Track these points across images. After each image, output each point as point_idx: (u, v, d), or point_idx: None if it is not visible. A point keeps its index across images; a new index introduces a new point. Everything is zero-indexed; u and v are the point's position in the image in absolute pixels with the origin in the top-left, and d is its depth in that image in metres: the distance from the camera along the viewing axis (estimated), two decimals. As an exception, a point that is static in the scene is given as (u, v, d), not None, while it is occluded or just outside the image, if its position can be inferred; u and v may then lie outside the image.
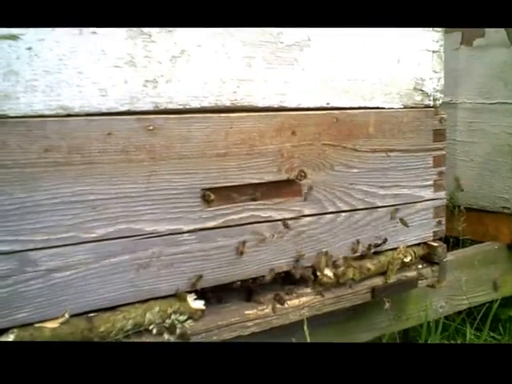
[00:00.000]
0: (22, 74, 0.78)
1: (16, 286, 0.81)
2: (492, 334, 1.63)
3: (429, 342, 1.43)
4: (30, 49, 0.78)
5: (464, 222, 1.67)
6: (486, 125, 1.68)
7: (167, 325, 0.90)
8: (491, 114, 1.67)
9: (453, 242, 1.72)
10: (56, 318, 0.84)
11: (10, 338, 0.80)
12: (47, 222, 0.81)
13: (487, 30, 1.65)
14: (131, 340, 0.87)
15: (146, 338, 0.88)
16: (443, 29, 1.25)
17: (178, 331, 0.91)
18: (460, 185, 1.74)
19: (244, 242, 1.01)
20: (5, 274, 0.79)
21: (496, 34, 1.63)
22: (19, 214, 0.79)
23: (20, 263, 0.80)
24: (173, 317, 0.91)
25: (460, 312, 1.58)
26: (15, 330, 0.81)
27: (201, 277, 0.96)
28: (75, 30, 0.81)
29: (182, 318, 0.91)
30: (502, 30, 1.61)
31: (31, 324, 0.82)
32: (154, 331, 0.89)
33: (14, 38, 0.74)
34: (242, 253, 1.01)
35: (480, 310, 1.56)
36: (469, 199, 1.73)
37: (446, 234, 1.62)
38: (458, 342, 1.56)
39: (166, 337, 0.90)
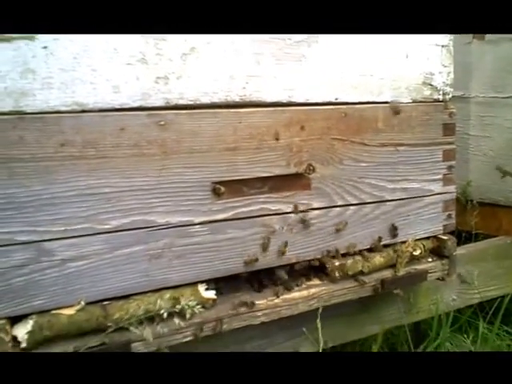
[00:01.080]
0: (38, 72, 0.82)
1: (32, 274, 0.85)
2: (505, 327, 1.64)
3: (440, 334, 1.44)
4: (45, 48, 0.82)
5: (477, 217, 1.68)
6: (498, 119, 1.69)
7: (177, 310, 0.93)
8: (504, 108, 1.67)
9: (465, 236, 1.73)
10: (72, 306, 0.88)
11: (29, 323, 0.84)
12: (63, 213, 0.85)
13: (499, 24, 1.66)
14: (143, 326, 0.90)
15: (157, 324, 0.92)
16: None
17: (188, 316, 0.94)
18: (470, 180, 1.74)
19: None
20: (22, 263, 0.83)
21: (508, 28, 1.63)
22: (36, 205, 0.83)
23: (37, 253, 0.84)
24: (183, 302, 0.94)
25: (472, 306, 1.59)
26: (34, 316, 0.85)
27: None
28: (89, 29, 0.85)
29: (192, 303, 0.94)
30: (514, 24, 1.61)
31: (48, 311, 0.86)
32: (165, 315, 0.92)
33: (31, 38, 0.78)
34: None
35: (492, 304, 1.57)
36: (482, 193, 1.73)
37: (459, 228, 1.63)
38: (471, 335, 1.57)
39: (177, 321, 0.93)
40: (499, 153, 1.68)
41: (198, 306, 0.95)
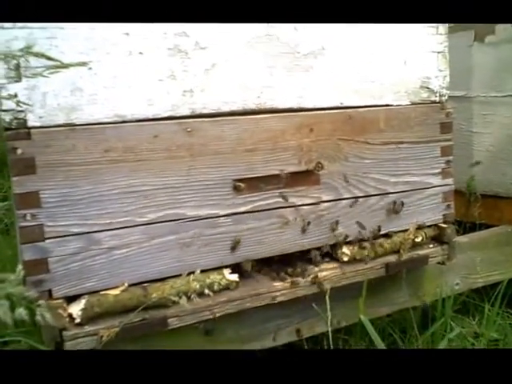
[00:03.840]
0: (85, 90, 0.98)
1: (84, 260, 1.00)
2: (510, 310, 1.75)
3: (445, 315, 1.56)
4: (90, 69, 0.98)
5: (480, 208, 1.80)
6: (498, 116, 1.80)
7: (206, 287, 1.09)
8: (503, 106, 1.78)
9: (469, 226, 1.85)
10: (117, 287, 1.03)
11: (83, 302, 1.00)
12: (108, 208, 1.01)
13: (497, 27, 1.77)
14: (176, 303, 1.05)
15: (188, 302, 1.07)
16: (447, 32, 1.39)
17: (216, 288, 1.10)
18: (473, 173, 1.86)
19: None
20: (76, 251, 0.99)
21: (505, 31, 1.75)
22: (86, 202, 0.99)
23: (87, 242, 1.00)
24: (212, 277, 1.10)
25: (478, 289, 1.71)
26: (86, 296, 1.01)
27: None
28: (126, 52, 1.00)
29: (219, 277, 1.10)
30: (510, 27, 1.73)
31: (97, 291, 1.02)
32: (195, 294, 1.07)
33: (84, 64, 0.93)
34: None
35: (495, 289, 1.69)
36: (484, 186, 1.85)
37: (463, 219, 1.76)
38: (477, 317, 1.69)
39: (207, 291, 1.08)
40: (500, 148, 1.80)
41: (226, 285, 1.11)
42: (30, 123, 0.93)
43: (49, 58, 0.88)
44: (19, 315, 0.74)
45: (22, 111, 0.92)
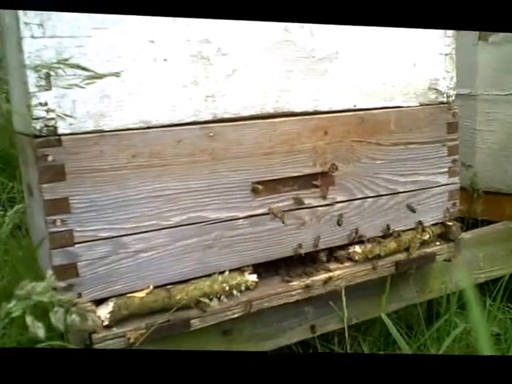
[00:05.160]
0: (113, 97, 0.99)
1: (112, 264, 1.02)
2: (510, 305, 1.80)
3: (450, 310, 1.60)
4: (118, 76, 0.99)
5: (483, 204, 1.85)
6: (501, 114, 1.84)
7: (228, 289, 1.12)
8: (506, 105, 1.82)
9: (472, 222, 1.89)
10: (142, 290, 1.06)
11: (110, 305, 1.02)
12: (135, 212, 1.03)
13: (500, 26, 1.81)
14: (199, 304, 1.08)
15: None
16: (455, 35, 1.42)
17: (236, 293, 1.14)
18: (476, 171, 1.91)
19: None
20: (104, 255, 1.01)
21: (508, 31, 1.79)
22: (114, 207, 1.01)
23: (115, 246, 1.02)
24: (232, 282, 1.13)
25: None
26: (113, 299, 1.03)
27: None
28: (151, 59, 1.02)
29: (239, 277, 1.14)
30: (513, 26, 1.77)
31: (124, 294, 1.04)
32: (218, 295, 1.10)
33: (117, 74, 0.95)
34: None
35: (497, 285, 1.74)
36: (487, 183, 1.89)
37: (466, 215, 1.80)
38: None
39: (235, 292, 1.13)
40: (502, 145, 1.84)
41: (245, 286, 1.14)
42: (61, 130, 0.95)
43: (84, 69, 0.89)
44: (73, 322, 0.76)
45: (52, 119, 0.93)
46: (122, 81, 1.00)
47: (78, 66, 0.89)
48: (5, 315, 0.73)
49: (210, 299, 1.11)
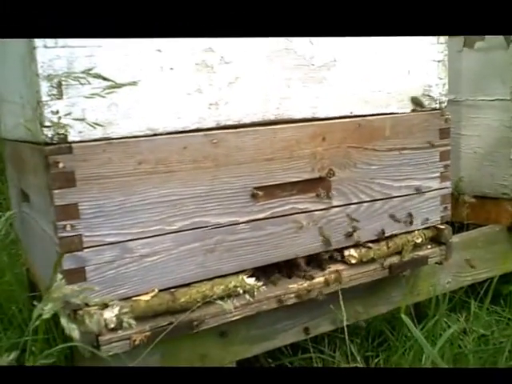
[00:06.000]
0: (120, 106, 1.01)
1: (119, 268, 1.05)
2: (494, 307, 1.86)
3: (436, 314, 1.65)
4: (125, 86, 1.01)
5: (468, 208, 1.89)
6: (486, 119, 1.89)
7: (228, 293, 1.15)
8: (491, 110, 1.87)
9: (458, 226, 1.94)
10: (148, 293, 1.08)
11: (116, 308, 1.04)
12: (141, 218, 1.05)
13: (486, 34, 1.86)
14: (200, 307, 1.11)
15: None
16: (447, 41, 1.46)
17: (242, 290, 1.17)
18: (462, 175, 1.95)
19: None
20: (111, 260, 1.03)
21: (495, 38, 1.83)
22: (120, 212, 1.03)
23: (121, 251, 1.04)
24: (231, 285, 1.16)
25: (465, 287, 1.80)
26: (119, 302, 1.05)
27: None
28: (158, 68, 1.04)
29: (242, 283, 1.17)
30: (500, 34, 1.82)
31: (130, 297, 1.07)
32: (218, 299, 1.13)
33: (134, 83, 0.97)
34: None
35: (483, 286, 1.79)
36: (472, 187, 1.94)
37: (452, 219, 1.85)
38: (464, 314, 1.79)
39: (228, 303, 1.14)
40: (488, 150, 1.89)
41: (245, 289, 1.17)
42: (71, 138, 0.97)
43: (105, 79, 0.91)
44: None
45: (63, 127, 0.95)
46: (129, 89, 1.02)
47: (100, 76, 0.91)
48: (36, 317, 0.75)
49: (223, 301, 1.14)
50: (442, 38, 1.45)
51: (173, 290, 1.11)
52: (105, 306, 1.03)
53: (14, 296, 1.66)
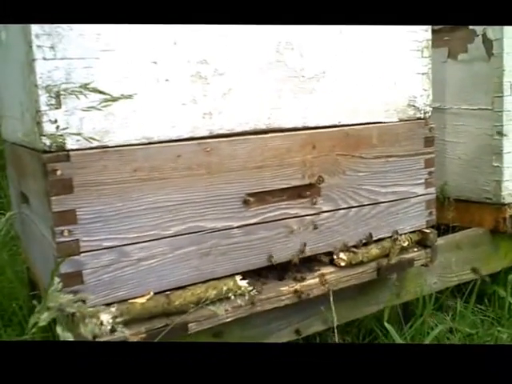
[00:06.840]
0: (116, 115, 1.05)
1: (115, 272, 1.08)
2: (479, 306, 1.91)
3: (423, 314, 1.70)
4: (123, 96, 1.05)
5: (453, 212, 1.95)
6: (470, 127, 1.95)
7: (221, 295, 1.19)
8: (474, 118, 1.93)
9: (443, 228, 2.00)
10: (143, 296, 1.12)
11: (113, 310, 1.08)
12: (137, 223, 1.09)
13: (469, 46, 1.92)
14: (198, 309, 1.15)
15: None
16: (431, 55, 1.52)
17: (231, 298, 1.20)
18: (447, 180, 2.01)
19: None
20: (108, 263, 1.07)
21: (477, 50, 1.90)
22: (117, 218, 1.07)
23: (118, 255, 1.08)
24: (225, 288, 1.20)
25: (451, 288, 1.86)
26: (116, 305, 1.09)
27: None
28: (154, 79, 1.08)
29: (234, 287, 1.21)
30: (482, 46, 1.88)
31: (126, 300, 1.10)
32: (212, 301, 1.17)
33: (130, 97, 1.01)
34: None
35: (468, 286, 1.85)
36: (457, 191, 2.00)
37: (438, 221, 1.91)
38: (450, 313, 1.84)
39: (222, 305, 1.18)
40: (471, 156, 1.95)
41: (239, 291, 1.20)
42: (69, 146, 1.01)
43: (101, 93, 0.95)
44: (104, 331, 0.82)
45: (61, 135, 0.99)
46: (125, 99, 1.06)
47: (97, 90, 0.95)
48: (33, 325, 0.78)
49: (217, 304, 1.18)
50: (426, 52, 1.51)
51: (168, 292, 1.15)
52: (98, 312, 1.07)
53: (14, 293, 1.68)
